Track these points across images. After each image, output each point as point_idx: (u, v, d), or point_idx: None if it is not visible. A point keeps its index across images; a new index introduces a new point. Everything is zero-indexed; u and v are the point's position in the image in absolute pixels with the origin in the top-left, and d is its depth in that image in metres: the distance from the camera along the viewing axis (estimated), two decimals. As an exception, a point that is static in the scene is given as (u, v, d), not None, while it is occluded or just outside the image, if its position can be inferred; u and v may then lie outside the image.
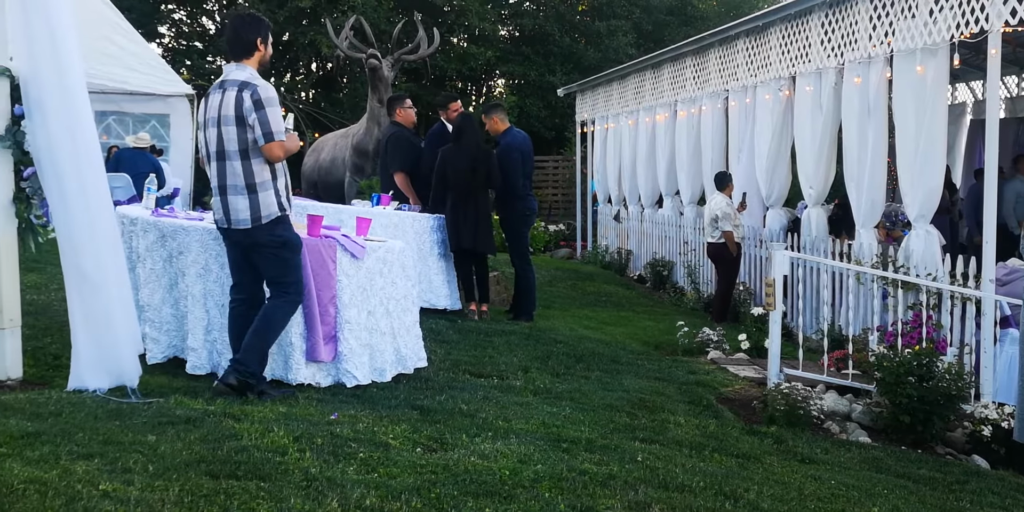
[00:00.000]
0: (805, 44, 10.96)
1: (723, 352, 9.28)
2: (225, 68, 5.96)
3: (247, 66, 5.87)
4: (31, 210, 5.76)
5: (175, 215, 7.01)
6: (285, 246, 5.87)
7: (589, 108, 19.72)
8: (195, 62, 26.21)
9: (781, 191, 12.01)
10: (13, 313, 5.75)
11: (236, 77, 5.82)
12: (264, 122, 5.70)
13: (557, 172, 23.51)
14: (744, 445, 6.19)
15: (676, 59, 15.04)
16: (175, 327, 6.68)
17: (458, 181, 9.29)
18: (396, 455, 4.80)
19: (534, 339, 8.79)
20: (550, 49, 27.08)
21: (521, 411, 6.18)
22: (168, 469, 4.23)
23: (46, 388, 5.69)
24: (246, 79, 5.79)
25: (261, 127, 5.70)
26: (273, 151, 5.76)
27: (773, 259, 7.77)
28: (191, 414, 5.21)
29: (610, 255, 17.62)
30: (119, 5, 17.35)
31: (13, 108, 5.66)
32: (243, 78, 5.79)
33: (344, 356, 6.38)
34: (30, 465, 4.10)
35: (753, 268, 12.35)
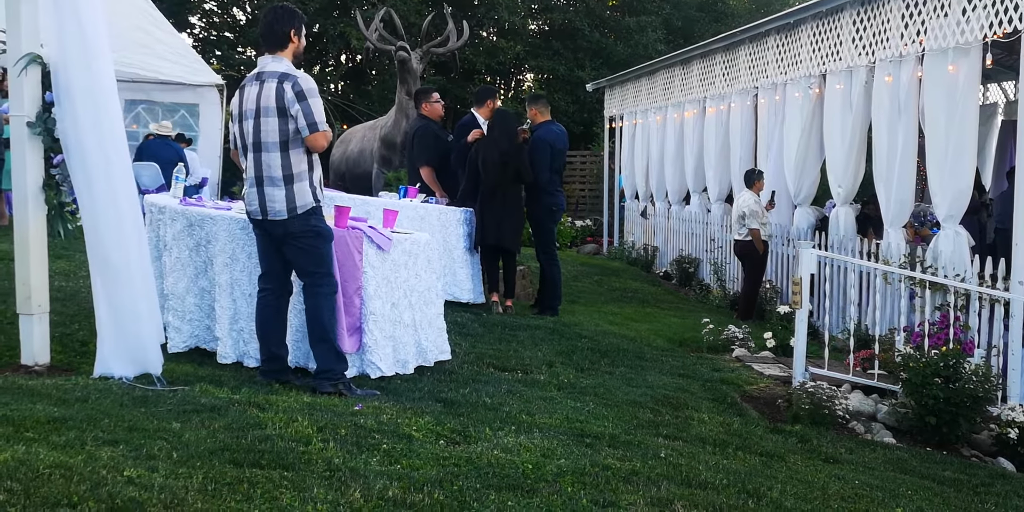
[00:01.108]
0: (836, 42, 10.89)
1: (748, 350, 9.24)
2: (260, 60, 5.96)
3: (283, 58, 5.88)
4: (60, 197, 5.77)
5: (203, 204, 7.03)
6: (319, 236, 5.89)
7: (618, 104, 19.66)
8: (225, 53, 26.30)
9: (810, 189, 11.95)
10: (41, 299, 5.78)
11: (274, 68, 5.82)
12: (308, 113, 5.71)
13: (584, 167, 23.46)
14: (768, 443, 6.17)
15: (706, 56, 14.98)
16: (198, 317, 6.70)
17: (488, 175, 9.29)
18: (419, 447, 4.80)
19: (559, 334, 8.78)
20: (579, 44, 27.02)
21: (545, 405, 6.17)
22: (192, 457, 4.24)
23: (73, 374, 5.72)
24: (285, 70, 5.79)
25: (305, 118, 5.72)
26: (318, 141, 5.79)
27: (800, 258, 7.73)
28: (216, 402, 5.23)
29: (636, 251, 17.58)
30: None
31: (44, 95, 5.68)
32: (281, 69, 5.80)
33: (368, 347, 6.39)
34: (56, 450, 4.12)
35: (780, 266, 12.29)
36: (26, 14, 5.63)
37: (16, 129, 5.70)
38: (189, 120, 17.31)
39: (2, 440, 4.17)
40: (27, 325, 5.75)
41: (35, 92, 5.67)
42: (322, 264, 5.94)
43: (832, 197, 11.42)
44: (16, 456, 3.96)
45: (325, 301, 5.95)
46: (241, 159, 6.03)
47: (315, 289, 5.94)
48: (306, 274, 5.97)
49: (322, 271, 5.95)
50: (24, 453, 4.01)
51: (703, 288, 14.07)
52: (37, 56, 5.62)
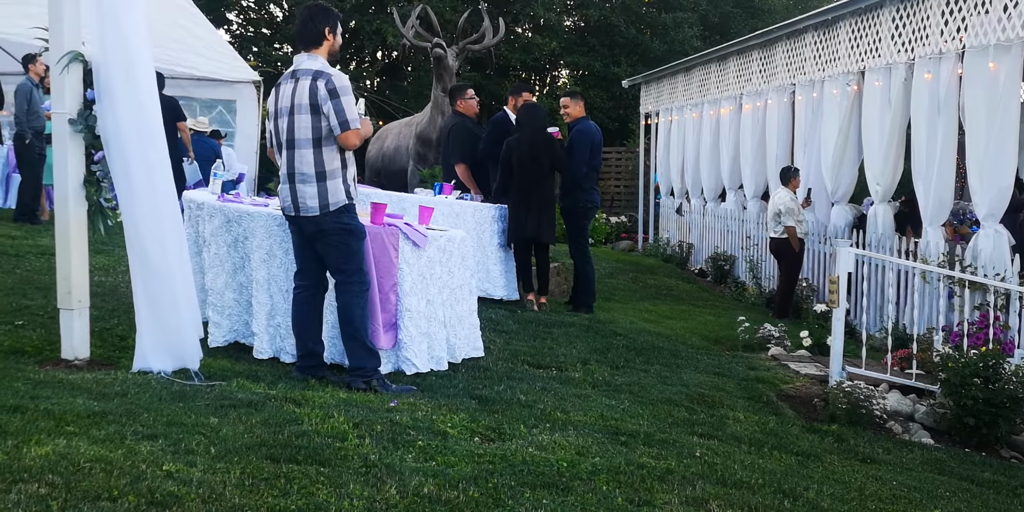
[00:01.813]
0: (875, 39, 10.81)
1: (784, 348, 9.19)
2: (296, 58, 6.00)
3: (317, 56, 5.92)
4: (101, 193, 5.82)
5: (240, 200, 7.07)
6: (351, 234, 5.91)
7: (653, 100, 19.61)
8: (262, 49, 26.43)
9: (847, 187, 11.88)
10: (82, 294, 5.83)
11: (308, 66, 5.86)
12: (340, 111, 5.74)
13: (620, 164, 23.40)
14: (804, 443, 6.14)
15: (742, 52, 14.91)
16: (237, 312, 6.76)
17: (522, 171, 9.28)
18: (454, 444, 4.82)
19: (593, 331, 8.77)
20: (615, 40, 26.95)
21: (579, 403, 6.17)
22: (230, 452, 4.27)
23: (112, 368, 5.77)
24: (319, 68, 5.83)
25: (337, 116, 5.74)
26: (349, 139, 5.81)
27: (838, 256, 7.68)
28: (253, 398, 5.26)
29: (671, 248, 17.54)
30: (188, -9, 17.54)
31: (86, 93, 5.73)
32: (316, 67, 5.84)
33: (404, 344, 6.42)
34: (96, 444, 4.17)
35: (816, 264, 12.22)
36: (68, 12, 5.68)
37: (58, 126, 5.75)
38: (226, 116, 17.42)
39: (43, 434, 4.22)
40: (67, 320, 5.80)
41: (77, 90, 5.72)
42: (353, 261, 5.97)
43: (870, 195, 11.34)
44: (57, 450, 4.01)
45: (356, 299, 5.98)
46: (276, 156, 6.07)
47: (347, 287, 5.97)
48: (338, 271, 6.00)
49: (353, 268, 5.97)
50: (65, 447, 4.06)
51: (738, 286, 14.02)
52: (79, 54, 5.67)
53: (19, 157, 11.99)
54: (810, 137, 12.47)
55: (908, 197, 11.83)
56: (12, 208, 12.65)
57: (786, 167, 12.12)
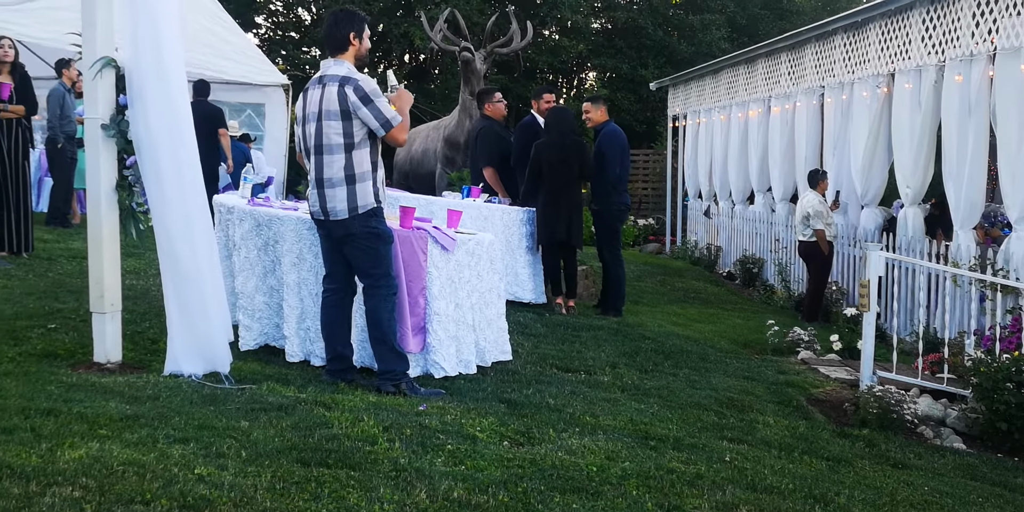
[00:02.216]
0: (905, 41, 10.75)
1: (814, 352, 9.15)
2: (323, 64, 6.04)
3: (344, 61, 5.95)
4: (133, 198, 5.87)
5: (270, 204, 7.11)
6: (379, 238, 5.93)
7: (681, 102, 19.57)
8: (290, 52, 26.54)
9: (877, 190, 11.81)
10: (114, 298, 5.88)
11: (335, 72, 5.89)
12: (377, 114, 5.79)
13: (648, 166, 23.36)
14: (835, 448, 6.11)
15: (771, 54, 14.86)
16: (267, 315, 6.79)
17: (551, 174, 9.29)
18: (483, 448, 4.82)
19: (622, 335, 8.76)
20: (643, 42, 26.91)
21: (608, 407, 6.16)
22: (261, 455, 4.29)
23: (144, 372, 5.81)
24: (346, 74, 5.85)
25: (376, 119, 5.79)
26: (397, 136, 5.91)
27: (868, 260, 7.64)
28: (283, 401, 5.29)
29: (699, 251, 17.50)
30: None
31: (118, 98, 5.78)
32: (342, 73, 5.86)
33: (432, 347, 6.43)
34: (129, 447, 4.20)
35: (846, 267, 12.16)
36: (102, 18, 5.73)
37: (91, 131, 5.80)
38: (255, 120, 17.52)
39: (77, 437, 4.26)
40: (100, 323, 5.85)
41: (110, 95, 5.77)
42: (381, 265, 5.98)
43: (899, 197, 11.27)
44: (91, 453, 4.04)
45: (384, 302, 5.99)
46: (305, 161, 6.10)
47: (374, 290, 5.98)
48: (366, 275, 6.02)
49: (380, 272, 5.98)
50: (98, 450, 4.09)
51: (767, 289, 13.96)
52: (112, 60, 5.72)
53: (51, 161, 12.10)
54: (839, 139, 12.41)
55: (939, 199, 11.75)
56: (44, 211, 12.76)
57: (814, 170, 12.07)
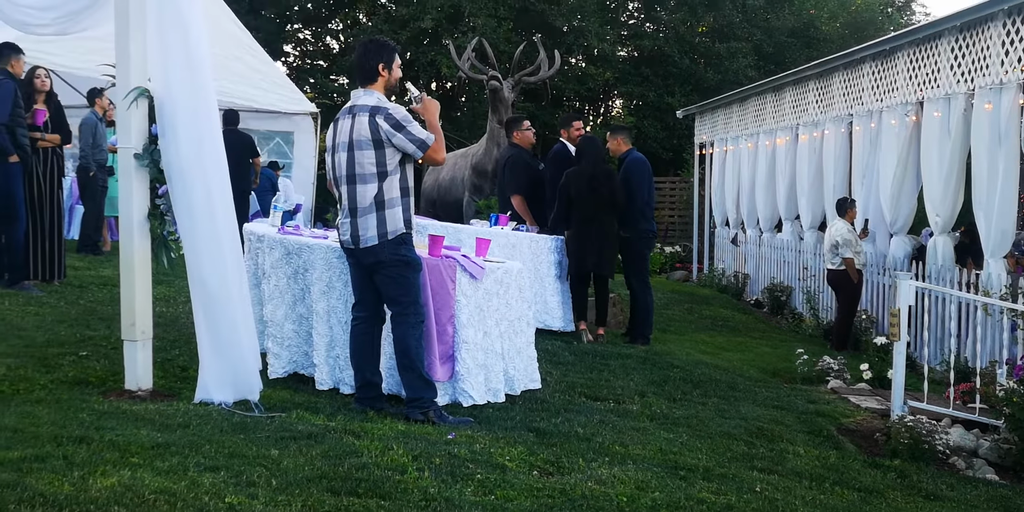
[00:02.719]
0: (934, 69, 10.74)
1: (844, 381, 9.09)
2: (353, 94, 6.08)
3: (373, 91, 5.99)
4: (165, 226, 5.91)
5: (300, 233, 7.14)
6: (408, 266, 5.95)
7: (708, 130, 19.58)
8: (318, 80, 26.76)
9: (906, 218, 11.76)
10: (145, 326, 5.91)
11: (365, 102, 5.94)
12: (412, 138, 5.84)
13: (674, 194, 23.37)
14: (866, 478, 6.06)
15: (798, 82, 14.86)
16: (296, 343, 6.81)
17: (581, 203, 9.31)
18: (513, 477, 4.80)
19: (650, 363, 8.73)
20: (669, 70, 26.99)
21: (638, 436, 6.13)
22: (291, 484, 4.29)
23: (174, 399, 5.83)
24: (375, 104, 5.90)
25: (412, 142, 5.84)
26: (434, 156, 5.96)
27: (899, 289, 7.59)
28: (312, 429, 5.29)
29: (726, 278, 17.44)
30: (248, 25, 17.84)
31: (151, 127, 5.83)
32: (372, 103, 5.91)
33: (461, 376, 6.42)
34: (160, 475, 4.21)
35: (875, 296, 12.09)
36: (135, 49, 5.79)
37: (123, 161, 5.85)
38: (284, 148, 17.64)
39: (109, 465, 4.27)
40: (131, 351, 5.88)
41: (142, 125, 5.82)
42: (409, 293, 5.99)
43: (928, 225, 11.22)
44: (122, 481, 4.05)
45: (412, 330, 6.00)
46: (335, 190, 6.13)
47: (402, 318, 5.99)
48: (394, 303, 6.02)
49: (409, 300, 5.99)
50: (130, 478, 4.11)
51: (795, 317, 13.89)
52: (145, 90, 5.78)
53: (83, 189, 12.21)
54: (868, 168, 12.38)
55: (968, 228, 11.69)
56: (75, 239, 12.88)
57: (842, 198, 12.04)
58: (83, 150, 11.79)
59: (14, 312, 7.97)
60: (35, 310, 8.15)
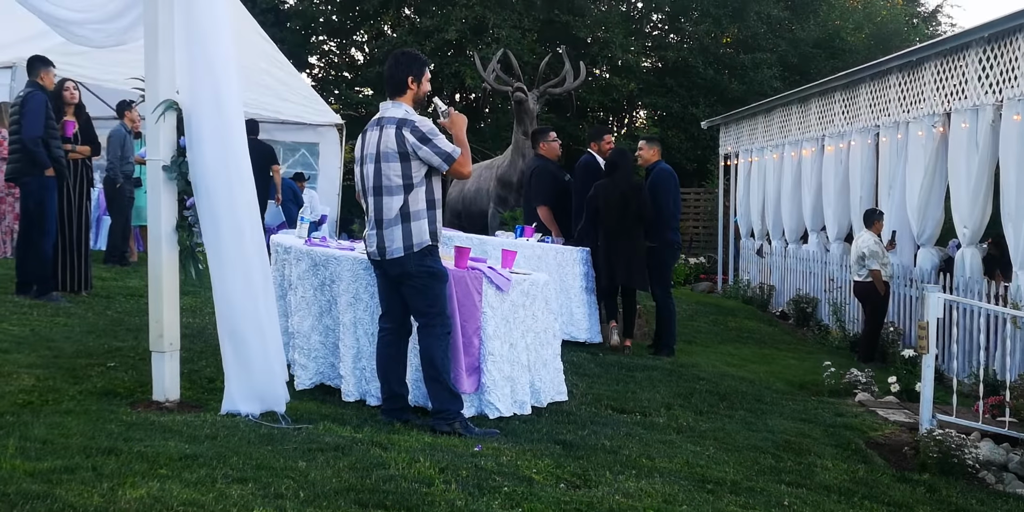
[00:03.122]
0: (961, 80, 10.68)
1: (871, 394, 9.03)
2: (381, 105, 6.11)
3: (402, 103, 6.01)
4: (192, 238, 5.93)
5: (327, 244, 7.16)
6: (434, 277, 5.96)
7: (733, 141, 19.54)
8: (343, 92, 26.86)
9: (933, 229, 11.69)
10: (173, 338, 5.93)
11: (393, 114, 5.96)
12: (437, 151, 5.85)
13: (699, 205, 23.32)
14: (895, 493, 6.01)
15: (824, 93, 14.81)
16: (322, 354, 6.81)
17: (610, 216, 9.31)
18: (540, 490, 4.78)
19: (676, 375, 8.70)
20: (693, 81, 26.94)
21: (665, 449, 6.11)
22: (318, 496, 4.29)
23: (201, 411, 5.85)
24: (403, 116, 5.92)
25: (437, 156, 5.85)
26: (461, 170, 5.97)
27: (927, 302, 7.55)
28: (339, 441, 5.29)
29: (751, 290, 17.37)
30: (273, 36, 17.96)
31: (179, 140, 5.86)
32: (399, 115, 5.93)
33: (487, 388, 6.41)
34: (188, 487, 4.22)
35: (902, 308, 12.02)
36: (164, 62, 5.83)
37: (152, 173, 5.89)
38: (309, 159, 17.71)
39: (137, 476, 4.28)
40: (159, 363, 5.90)
41: (171, 137, 5.85)
42: (436, 304, 6.00)
43: (955, 236, 11.15)
44: (151, 493, 4.06)
45: (439, 341, 6.00)
46: (362, 201, 6.14)
47: (429, 329, 5.99)
48: (421, 314, 6.03)
49: (435, 311, 5.99)
50: (158, 490, 4.12)
51: (821, 329, 13.82)
52: (173, 103, 5.81)
53: (109, 201, 12.29)
54: (895, 179, 12.32)
55: (996, 239, 11.60)
56: (102, 250, 12.96)
57: (870, 210, 11.99)
58: (110, 162, 11.87)
59: (43, 323, 8.03)
60: (63, 321, 8.20)
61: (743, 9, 26.89)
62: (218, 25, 5.77)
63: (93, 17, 6.42)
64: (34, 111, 8.86)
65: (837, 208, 13.98)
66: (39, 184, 8.95)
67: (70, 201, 9.43)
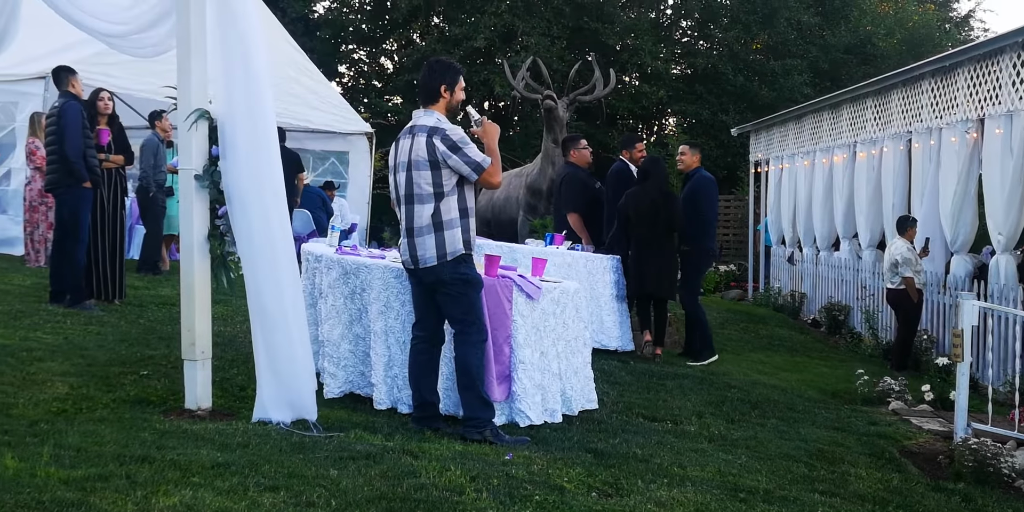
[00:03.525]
0: (995, 85, 10.58)
1: (905, 403, 8.95)
2: (414, 113, 6.13)
3: (434, 111, 6.02)
4: (224, 247, 5.96)
5: (357, 252, 7.17)
6: (469, 284, 5.96)
7: (763, 148, 19.45)
8: (372, 100, 26.96)
9: (967, 236, 11.58)
10: (205, 346, 5.96)
11: (424, 123, 5.97)
12: (467, 160, 5.85)
13: (729, 212, 23.21)
14: (930, 502, 5.96)
15: (856, 99, 14.72)
16: (352, 363, 6.80)
17: (640, 224, 9.29)
18: (571, 499, 4.77)
19: (707, 383, 8.67)
20: (723, 88, 26.87)
21: (696, 458, 6.08)
22: (350, 504, 4.30)
23: (233, 419, 5.87)
24: (434, 125, 5.93)
25: (467, 165, 5.85)
26: (489, 180, 5.93)
27: (961, 309, 7.48)
28: (371, 450, 5.29)
29: (782, 297, 17.26)
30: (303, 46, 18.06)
31: (211, 149, 5.90)
32: (431, 124, 5.94)
33: (517, 396, 6.40)
34: (220, 495, 4.23)
35: (936, 315, 11.91)
36: (196, 71, 5.87)
37: (184, 182, 5.92)
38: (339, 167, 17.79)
39: (171, 484, 4.30)
40: (191, 371, 5.93)
41: (203, 146, 5.88)
42: (471, 312, 6.00)
43: (989, 243, 11.04)
44: (184, 501, 4.08)
45: (473, 349, 6.00)
46: (396, 209, 6.15)
47: (464, 337, 6.00)
48: (456, 321, 6.04)
49: (471, 319, 6.00)
50: (191, 498, 4.13)
51: (854, 337, 13.72)
52: (205, 112, 5.85)
53: (143, 210, 12.36)
54: (928, 185, 12.22)
55: (1031, 246, 11.51)
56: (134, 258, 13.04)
57: (903, 216, 11.90)
58: (144, 171, 11.94)
59: (76, 331, 8.08)
60: (96, 330, 8.26)
61: (773, 15, 26.79)
62: (251, 34, 5.79)
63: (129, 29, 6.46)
64: (73, 125, 8.93)
65: (869, 215, 13.89)
66: (75, 194, 9.03)
67: (104, 210, 9.50)
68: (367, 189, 17.61)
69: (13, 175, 13.39)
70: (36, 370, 6.65)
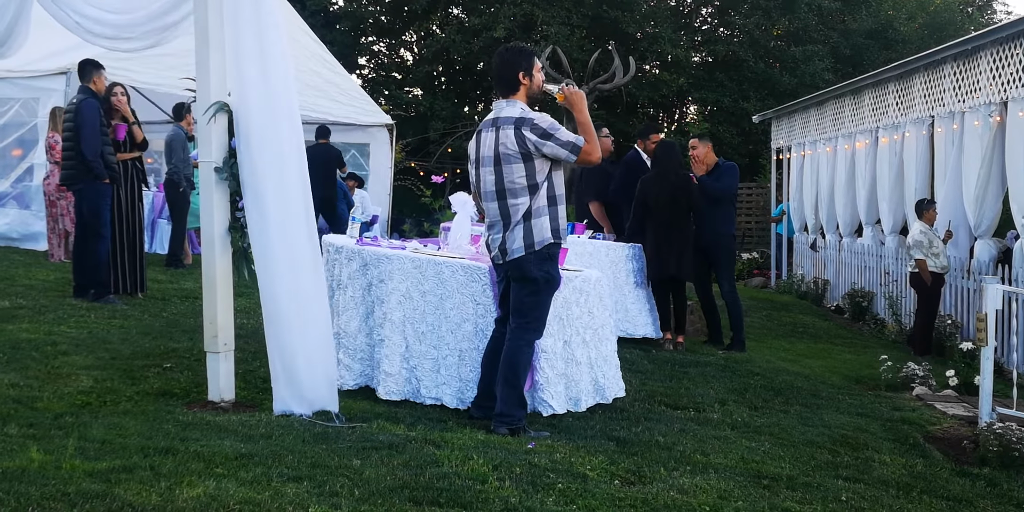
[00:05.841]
0: (1018, 68, 10.50)
1: (929, 388, 8.91)
2: (495, 105, 5.99)
3: (516, 101, 5.89)
4: (245, 239, 5.96)
5: (378, 244, 7.17)
6: (549, 284, 5.87)
7: (785, 135, 19.37)
8: (392, 92, 26.98)
9: (991, 221, 11.51)
10: (227, 338, 5.98)
11: (509, 114, 5.84)
12: (563, 143, 5.71)
13: (751, 199, 23.14)
14: (955, 487, 5.93)
15: (878, 84, 14.63)
16: (368, 355, 6.75)
17: (659, 210, 9.27)
18: (594, 487, 4.77)
19: (730, 371, 8.65)
20: (744, 75, 26.77)
21: (719, 445, 6.07)
22: (373, 494, 4.31)
23: (256, 410, 5.89)
24: (520, 115, 5.80)
25: (563, 148, 5.71)
26: (588, 157, 5.78)
27: (985, 293, 7.43)
28: (393, 440, 5.31)
29: (805, 284, 17.22)
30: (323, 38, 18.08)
31: (230, 141, 5.90)
32: (516, 114, 5.81)
33: (540, 385, 6.39)
34: (244, 486, 4.25)
35: (959, 300, 11.85)
36: (215, 63, 5.86)
37: (204, 174, 5.93)
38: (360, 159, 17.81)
39: (194, 476, 4.33)
40: (214, 363, 5.95)
41: (222, 139, 5.88)
42: (536, 308, 5.91)
43: (1013, 227, 10.97)
44: (208, 492, 4.10)
45: (527, 348, 5.93)
46: (479, 204, 6.08)
47: (521, 333, 5.90)
48: (521, 315, 5.91)
49: (536, 315, 5.91)
50: (215, 489, 4.15)
51: (877, 323, 13.67)
52: (224, 104, 5.84)
53: (171, 205, 12.37)
54: (951, 170, 12.15)
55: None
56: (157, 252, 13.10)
57: (921, 200, 11.87)
58: (174, 166, 11.93)
59: (100, 325, 8.14)
60: (120, 323, 8.31)
61: (793, 1, 26.65)
62: (270, 26, 5.74)
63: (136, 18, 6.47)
64: (90, 123, 8.98)
65: (892, 201, 13.82)
66: (94, 190, 9.09)
67: (122, 204, 9.54)
68: (388, 181, 17.63)
69: (36, 171, 13.46)
70: (60, 364, 6.70)
